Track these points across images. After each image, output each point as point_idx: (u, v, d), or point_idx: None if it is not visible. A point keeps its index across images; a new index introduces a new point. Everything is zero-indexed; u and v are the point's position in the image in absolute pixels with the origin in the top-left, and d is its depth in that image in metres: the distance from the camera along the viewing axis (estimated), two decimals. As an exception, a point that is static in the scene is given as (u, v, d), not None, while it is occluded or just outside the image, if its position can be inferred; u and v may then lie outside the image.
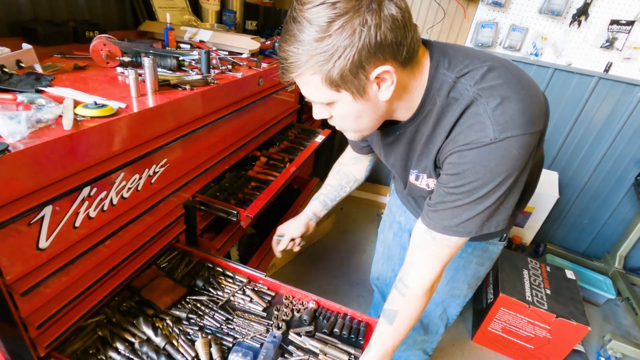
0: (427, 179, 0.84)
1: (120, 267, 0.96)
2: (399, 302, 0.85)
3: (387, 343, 0.86)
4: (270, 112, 1.69)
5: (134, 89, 0.92)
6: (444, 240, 0.76)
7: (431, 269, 0.80)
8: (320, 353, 0.94)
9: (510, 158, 0.65)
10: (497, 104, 0.65)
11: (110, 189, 0.83)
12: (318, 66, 0.61)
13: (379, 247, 1.44)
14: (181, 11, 1.90)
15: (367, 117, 0.73)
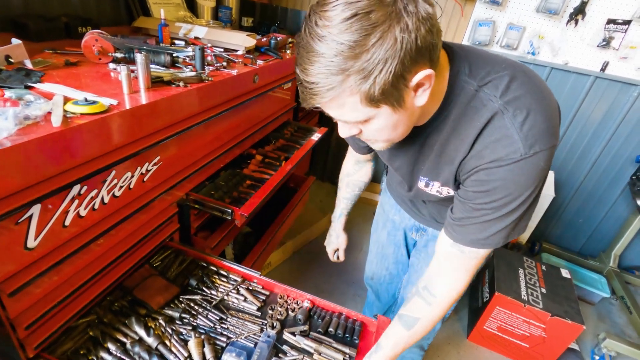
0: (439, 187, 0.84)
1: (112, 266, 0.95)
2: (424, 310, 0.83)
3: (398, 346, 0.86)
4: (266, 110, 1.68)
5: (126, 85, 0.91)
6: (473, 252, 0.77)
7: (460, 281, 0.81)
8: (314, 352, 0.93)
9: (539, 171, 0.66)
10: (524, 118, 0.63)
11: (101, 187, 0.82)
12: (356, 86, 0.54)
13: (372, 246, 1.43)
14: (176, 7, 1.88)
15: (402, 126, 0.68)
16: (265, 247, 1.69)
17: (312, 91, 0.56)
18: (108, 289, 0.96)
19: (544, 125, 0.64)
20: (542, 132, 0.63)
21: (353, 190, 1.32)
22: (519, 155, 0.64)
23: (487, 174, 0.67)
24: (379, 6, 0.50)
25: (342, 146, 2.90)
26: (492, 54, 0.73)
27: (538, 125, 0.63)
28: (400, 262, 1.35)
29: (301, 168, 2.49)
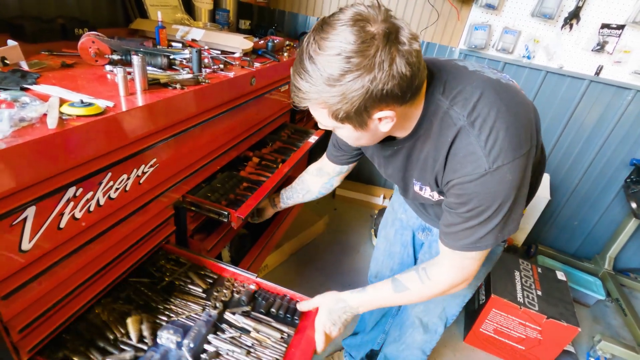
0: (430, 192, 0.89)
1: (108, 268, 0.94)
2: (416, 285, 0.91)
3: (379, 300, 0.96)
4: (263, 112, 1.68)
5: (122, 87, 0.91)
6: (466, 254, 0.83)
7: (455, 276, 0.88)
8: (252, 331, 0.95)
9: (506, 182, 0.72)
10: (487, 135, 0.71)
11: (97, 190, 0.81)
12: (327, 105, 0.67)
13: (380, 243, 1.44)
14: (174, 9, 1.88)
15: (365, 140, 0.81)
16: (262, 249, 1.69)
17: (296, 94, 0.70)
18: (103, 292, 0.95)
19: (506, 140, 0.70)
20: (504, 148, 0.70)
21: (298, 185, 1.36)
22: (483, 170, 0.71)
23: (460, 188, 0.75)
24: (361, 56, 0.61)
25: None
26: (468, 71, 0.80)
27: (500, 142, 0.70)
28: (405, 264, 1.35)
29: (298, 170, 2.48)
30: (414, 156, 0.86)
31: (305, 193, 1.36)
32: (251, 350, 0.90)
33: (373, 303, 0.98)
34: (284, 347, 0.92)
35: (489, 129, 0.71)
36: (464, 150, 0.73)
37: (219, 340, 0.90)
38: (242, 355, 0.88)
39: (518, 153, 0.71)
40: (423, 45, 2.35)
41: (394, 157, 0.92)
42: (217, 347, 0.89)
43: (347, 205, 2.96)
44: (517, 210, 0.78)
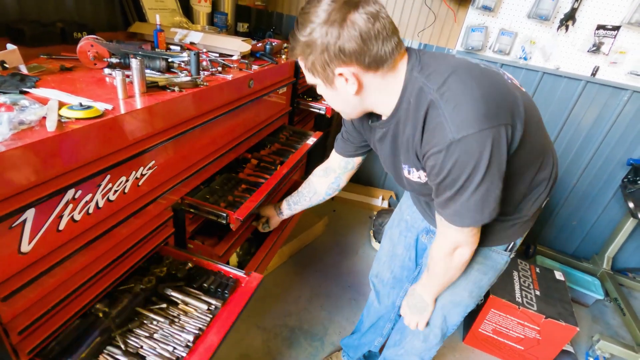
0: (417, 172, 0.91)
1: (107, 270, 0.95)
2: (429, 259, 1.04)
3: (425, 283, 1.11)
4: (262, 114, 1.69)
5: (121, 90, 0.92)
6: (446, 223, 0.87)
7: (441, 244, 0.96)
8: (181, 303, 1.00)
9: (473, 152, 0.73)
10: (453, 107, 0.74)
11: (95, 192, 0.82)
12: (302, 56, 0.81)
13: (384, 243, 1.44)
14: (172, 13, 1.89)
15: (340, 103, 0.90)
16: (267, 253, 1.67)
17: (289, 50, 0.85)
18: (102, 293, 0.96)
19: (471, 112, 0.72)
20: (469, 118, 0.72)
21: (304, 188, 1.40)
22: (449, 140, 0.73)
23: (433, 159, 0.78)
24: (323, 14, 0.73)
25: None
26: (449, 56, 0.86)
27: (464, 113, 0.73)
28: (406, 268, 1.35)
29: (296, 172, 2.49)
30: (399, 138, 0.90)
31: (312, 195, 1.37)
32: (175, 320, 0.95)
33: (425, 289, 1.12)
34: (209, 318, 0.96)
35: (455, 100, 0.74)
36: (434, 122, 0.76)
37: (146, 311, 0.96)
38: (166, 325, 0.93)
39: (485, 125, 0.72)
40: (420, 47, 2.37)
41: (384, 141, 0.96)
42: (144, 316, 0.95)
43: (346, 207, 2.97)
44: (493, 190, 0.78)
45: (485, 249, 1.05)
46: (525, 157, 0.84)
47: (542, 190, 0.97)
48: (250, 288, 1.07)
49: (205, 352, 0.87)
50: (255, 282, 1.09)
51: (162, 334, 0.91)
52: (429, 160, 0.79)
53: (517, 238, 1.05)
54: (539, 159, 0.91)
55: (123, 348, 0.86)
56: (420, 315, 1.16)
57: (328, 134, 2.84)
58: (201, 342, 0.90)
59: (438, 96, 0.75)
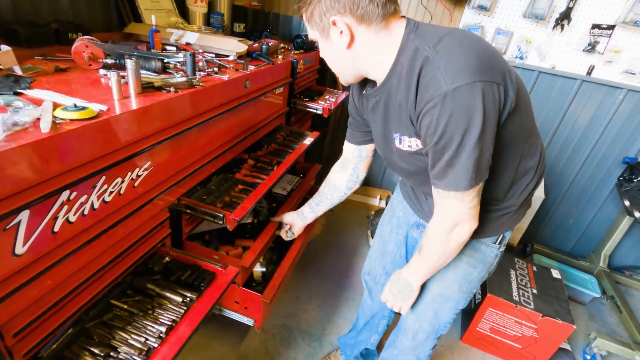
0: (409, 140, 0.90)
1: (102, 272, 0.95)
2: (424, 238, 1.01)
3: (415, 266, 1.07)
4: (258, 115, 1.68)
5: (116, 91, 0.91)
6: (445, 193, 0.85)
7: (441, 217, 0.92)
8: (156, 296, 1.01)
9: (467, 105, 0.73)
10: (447, 60, 0.74)
11: (91, 193, 0.82)
12: (304, 7, 0.85)
13: (375, 240, 1.44)
14: (168, 13, 1.89)
15: (336, 62, 0.93)
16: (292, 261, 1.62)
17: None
18: (98, 295, 0.96)
19: (464, 64, 0.73)
20: (462, 69, 0.72)
21: (324, 186, 1.40)
22: (443, 92, 0.73)
23: (428, 115, 0.77)
24: None
25: (335, 151, 2.91)
26: (445, 26, 0.86)
27: (458, 64, 0.73)
28: (397, 264, 1.35)
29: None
30: (391, 104, 0.90)
31: (334, 192, 1.37)
32: (150, 312, 0.96)
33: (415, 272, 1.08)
34: (184, 310, 0.97)
35: (450, 54, 0.74)
36: (428, 77, 0.76)
37: (121, 303, 0.97)
38: (140, 317, 0.94)
39: (478, 77, 0.72)
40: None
41: (376, 110, 0.97)
42: (118, 308, 0.96)
43: (343, 207, 2.96)
44: (486, 152, 0.78)
45: (473, 241, 1.05)
46: (514, 132, 0.84)
47: (530, 180, 0.97)
48: (226, 280, 1.08)
49: (176, 342, 0.89)
50: (231, 275, 1.10)
51: (136, 325, 0.92)
52: (424, 118, 0.78)
53: (506, 230, 1.05)
54: (527, 141, 0.91)
55: (95, 339, 0.88)
56: (404, 301, 1.14)
57: (325, 134, 2.84)
58: (174, 333, 0.91)
59: (433, 52, 0.76)
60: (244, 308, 1.39)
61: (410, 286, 1.11)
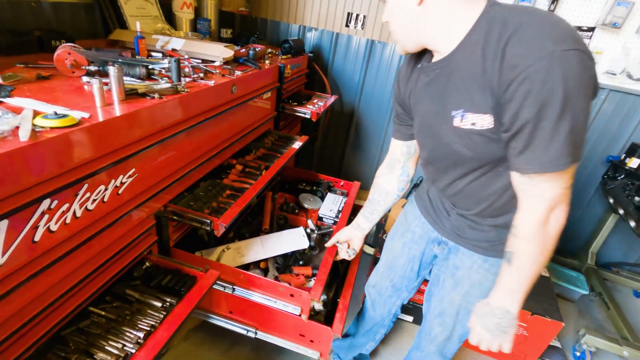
0: (475, 116, 0.80)
1: (86, 281, 0.93)
2: (513, 243, 0.86)
3: (507, 282, 0.89)
4: (246, 120, 1.69)
5: (98, 98, 0.91)
6: (541, 177, 0.75)
7: (536, 206, 0.79)
8: (135, 301, 1.01)
9: (572, 72, 0.65)
10: (550, 23, 0.67)
11: (73, 201, 0.81)
12: None
13: (384, 254, 1.39)
14: (154, 19, 1.88)
15: (400, 19, 0.84)
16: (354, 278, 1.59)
17: None
18: (83, 305, 0.94)
19: (567, 30, 0.66)
20: (567, 34, 0.66)
21: (375, 193, 1.31)
22: (547, 53, 0.64)
23: (526, 82, 0.67)
24: None
25: (325, 156, 2.92)
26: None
27: (562, 29, 0.66)
28: (406, 278, 1.32)
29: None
30: (456, 76, 0.81)
31: (385, 197, 1.29)
32: (128, 318, 0.95)
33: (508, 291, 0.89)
34: (163, 315, 0.97)
35: (549, 20, 0.68)
36: (524, 39, 0.67)
37: (98, 310, 0.96)
38: (118, 323, 0.93)
39: (582, 47, 0.65)
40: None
41: (433, 85, 0.88)
42: (96, 315, 0.95)
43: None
44: (586, 126, 0.71)
45: (501, 259, 0.99)
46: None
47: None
48: (207, 284, 1.08)
49: (153, 348, 0.88)
50: (212, 279, 1.10)
51: (113, 332, 0.92)
52: (522, 86, 0.68)
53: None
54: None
55: (71, 346, 0.87)
56: (505, 335, 0.91)
57: (315, 138, 2.85)
58: (152, 339, 0.90)
59: (528, 19, 0.69)
60: (309, 341, 1.33)
61: (509, 314, 0.90)
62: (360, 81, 2.56)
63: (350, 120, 2.72)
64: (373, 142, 2.76)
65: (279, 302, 1.26)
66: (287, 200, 2.02)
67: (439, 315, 1.20)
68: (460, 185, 0.96)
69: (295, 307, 1.25)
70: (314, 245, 1.69)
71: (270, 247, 1.57)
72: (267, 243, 1.59)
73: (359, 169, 2.91)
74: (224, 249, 1.52)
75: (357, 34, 2.45)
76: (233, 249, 1.54)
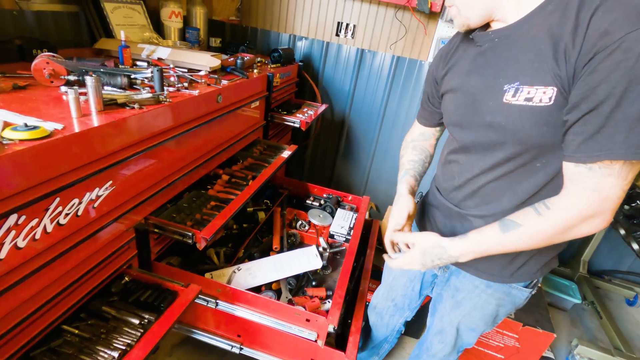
0: (531, 90, 0.71)
1: (58, 299, 0.90)
2: (530, 219, 0.75)
3: (483, 246, 0.80)
4: (234, 129, 1.66)
5: (74, 109, 0.88)
6: (604, 168, 0.65)
7: (586, 200, 0.69)
8: (111, 318, 0.97)
9: None
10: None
11: (43, 216, 0.78)
12: None
13: (385, 275, 1.37)
14: (141, 28, 1.87)
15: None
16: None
17: None
18: (54, 323, 0.90)
19: None
20: None
21: (420, 154, 1.15)
22: None
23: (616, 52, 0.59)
24: None
25: (315, 166, 2.91)
26: None
27: None
28: (408, 297, 1.30)
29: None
30: (521, 44, 0.73)
31: (429, 159, 1.18)
32: (103, 336, 0.92)
33: (476, 250, 0.81)
34: (140, 332, 0.93)
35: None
36: (617, 5, 0.60)
37: (72, 328, 0.93)
38: (92, 342, 0.90)
39: None
40: (393, 59, 2.41)
41: (487, 54, 0.81)
42: (69, 333, 0.92)
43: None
44: None
45: (505, 285, 0.98)
46: None
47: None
48: (187, 300, 1.04)
49: None
50: (192, 294, 1.07)
51: (87, 351, 0.87)
52: (612, 55, 0.59)
53: (541, 274, 0.96)
54: None
55: None
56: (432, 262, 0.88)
57: (306, 147, 2.84)
58: (127, 358, 0.86)
59: None
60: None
61: (451, 257, 0.85)
62: (351, 90, 2.56)
63: (341, 128, 2.71)
64: (364, 151, 2.75)
65: (294, 327, 1.21)
66: (296, 217, 1.99)
67: (439, 333, 1.19)
68: (483, 179, 0.87)
69: (311, 333, 1.20)
70: (326, 264, 1.65)
71: (283, 268, 1.52)
72: (279, 263, 1.55)
73: (350, 178, 2.89)
74: (234, 270, 1.47)
75: (347, 43, 2.46)
76: (244, 270, 1.49)
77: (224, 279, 1.42)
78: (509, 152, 0.80)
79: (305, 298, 1.46)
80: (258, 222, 1.84)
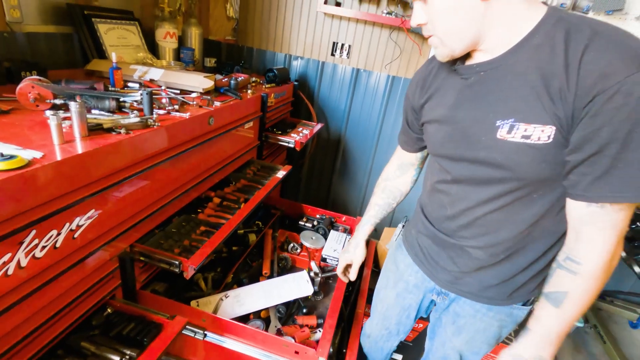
0: (528, 127, 0.70)
1: (34, 335, 0.84)
2: (569, 281, 0.74)
3: (551, 328, 0.78)
4: (226, 150, 1.64)
5: (56, 135, 0.85)
6: (616, 206, 0.67)
7: (608, 240, 0.70)
8: (90, 355, 0.92)
9: None
10: (628, 34, 0.62)
11: (16, 250, 0.74)
12: None
13: (377, 304, 1.32)
14: (136, 49, 1.86)
15: (462, 14, 0.71)
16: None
17: None
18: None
19: None
20: None
21: (388, 197, 1.21)
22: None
23: (617, 95, 0.59)
24: None
25: (312, 186, 2.88)
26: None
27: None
28: (402, 324, 1.26)
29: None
30: (510, 79, 0.72)
31: (399, 197, 1.22)
32: None
33: (548, 334, 0.79)
34: None
35: (623, 30, 0.62)
36: (611, 46, 0.60)
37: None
38: None
39: None
40: (389, 79, 2.41)
41: (474, 87, 0.78)
42: None
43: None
44: None
45: (506, 307, 0.98)
46: None
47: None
48: (172, 333, 0.99)
49: None
50: (178, 327, 1.01)
51: None
52: (614, 99, 0.59)
53: (538, 292, 0.91)
54: None
55: None
56: None
57: (302, 166, 2.81)
58: None
59: (602, 27, 0.62)
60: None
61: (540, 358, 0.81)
62: (347, 109, 2.55)
63: (337, 147, 2.69)
64: (360, 171, 2.73)
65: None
66: (288, 239, 1.95)
67: (442, 359, 1.16)
68: (480, 211, 0.85)
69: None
70: (317, 290, 1.59)
71: (272, 295, 1.47)
72: (269, 290, 1.49)
73: (347, 197, 2.86)
74: (222, 297, 1.42)
75: (342, 63, 2.47)
76: (232, 297, 1.43)
77: (211, 306, 1.36)
78: (507, 186, 0.79)
79: (295, 327, 1.40)
80: (249, 245, 1.79)
